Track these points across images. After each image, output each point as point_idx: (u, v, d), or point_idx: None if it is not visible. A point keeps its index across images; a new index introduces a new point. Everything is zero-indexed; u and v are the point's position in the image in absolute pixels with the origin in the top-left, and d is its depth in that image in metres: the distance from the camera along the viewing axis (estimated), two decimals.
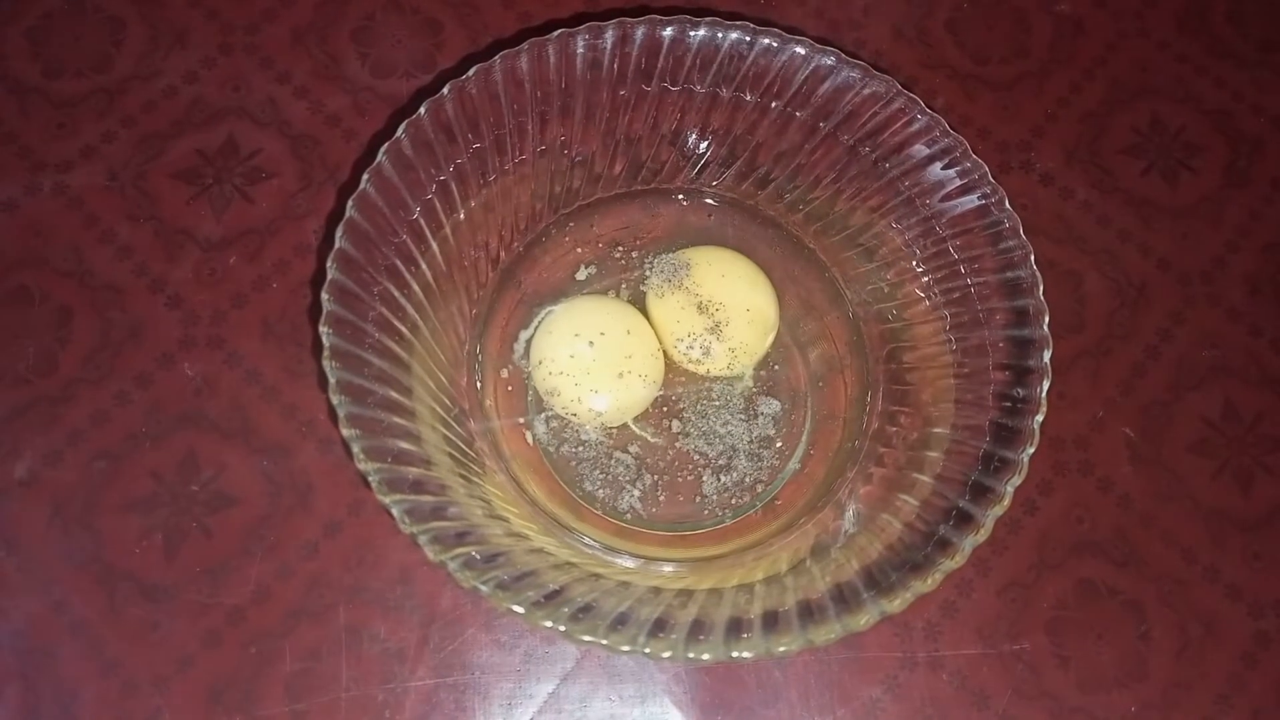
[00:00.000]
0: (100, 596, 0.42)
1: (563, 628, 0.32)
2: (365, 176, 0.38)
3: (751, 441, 0.44)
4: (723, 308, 0.45)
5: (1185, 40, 0.55)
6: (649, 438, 0.45)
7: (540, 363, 0.44)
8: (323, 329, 0.35)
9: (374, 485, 0.33)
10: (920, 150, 0.41)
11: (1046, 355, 0.37)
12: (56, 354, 0.46)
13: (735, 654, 0.32)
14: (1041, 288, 0.38)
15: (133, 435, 0.45)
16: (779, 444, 0.45)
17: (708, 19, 0.41)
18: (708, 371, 0.45)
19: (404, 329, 0.39)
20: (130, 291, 0.47)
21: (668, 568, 0.41)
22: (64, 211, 0.48)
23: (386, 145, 0.38)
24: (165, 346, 0.46)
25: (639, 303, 0.46)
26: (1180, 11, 0.56)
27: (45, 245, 0.48)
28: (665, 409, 0.45)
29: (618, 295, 0.47)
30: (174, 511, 0.44)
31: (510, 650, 0.43)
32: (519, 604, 0.32)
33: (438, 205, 0.40)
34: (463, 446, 0.40)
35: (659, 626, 0.32)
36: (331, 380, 0.34)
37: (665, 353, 0.46)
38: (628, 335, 0.44)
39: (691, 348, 0.45)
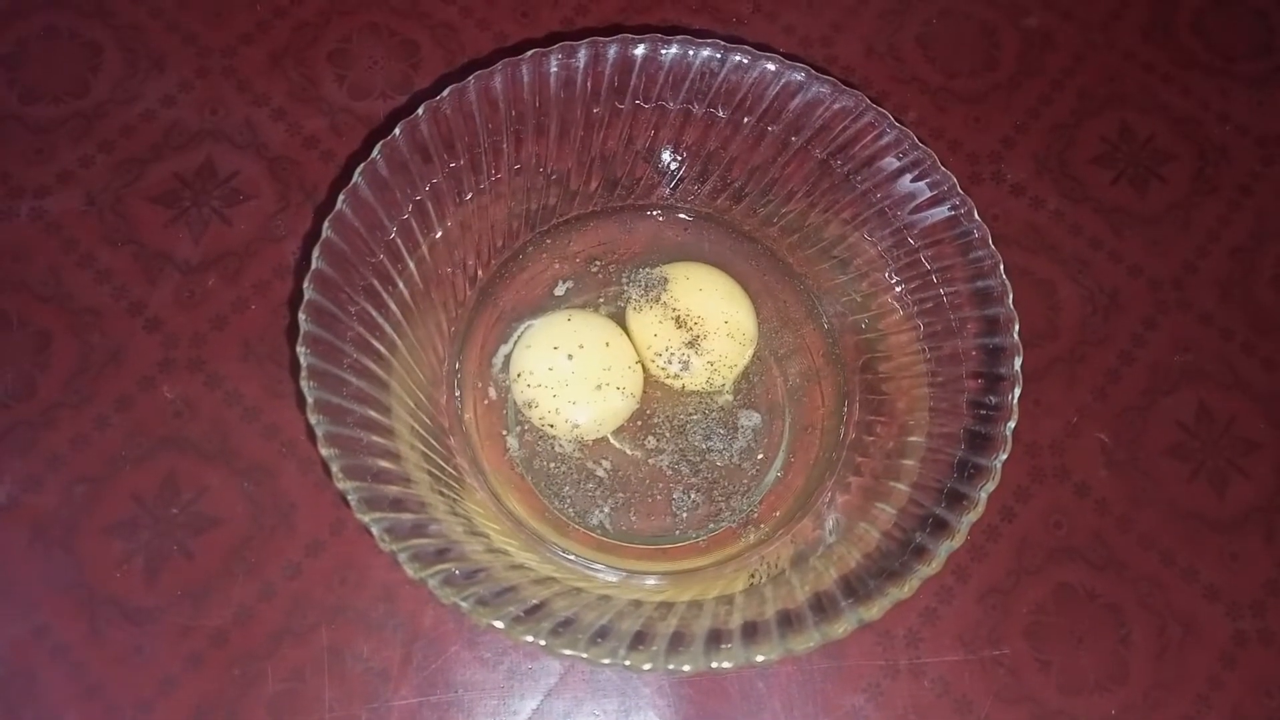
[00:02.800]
0: (82, 621, 0.42)
1: (543, 642, 0.32)
2: (341, 197, 0.38)
3: (731, 454, 0.45)
4: (701, 321, 0.45)
5: (1151, 50, 0.56)
6: (627, 451, 0.45)
7: (519, 375, 0.44)
8: (300, 349, 0.35)
9: (353, 504, 0.33)
10: (891, 163, 0.41)
11: (1017, 362, 0.37)
12: (36, 378, 0.46)
13: (715, 664, 0.32)
14: (1011, 296, 0.38)
15: (113, 459, 0.45)
16: (759, 456, 0.45)
17: (679, 37, 0.42)
18: (684, 387, 0.46)
19: (382, 348, 0.39)
20: (109, 315, 0.47)
21: (650, 580, 0.42)
22: (42, 236, 0.48)
23: (362, 166, 0.39)
24: (145, 369, 0.46)
25: (618, 318, 0.47)
26: (1146, 23, 0.57)
27: (24, 270, 0.48)
28: (641, 424, 0.45)
29: (596, 311, 0.47)
30: (155, 534, 0.44)
31: (494, 667, 0.43)
32: (499, 619, 0.32)
33: (414, 225, 0.41)
34: (442, 464, 0.40)
35: (639, 639, 0.33)
36: (309, 400, 0.35)
37: (645, 368, 0.46)
38: (606, 348, 0.45)
39: (670, 362, 0.45)
